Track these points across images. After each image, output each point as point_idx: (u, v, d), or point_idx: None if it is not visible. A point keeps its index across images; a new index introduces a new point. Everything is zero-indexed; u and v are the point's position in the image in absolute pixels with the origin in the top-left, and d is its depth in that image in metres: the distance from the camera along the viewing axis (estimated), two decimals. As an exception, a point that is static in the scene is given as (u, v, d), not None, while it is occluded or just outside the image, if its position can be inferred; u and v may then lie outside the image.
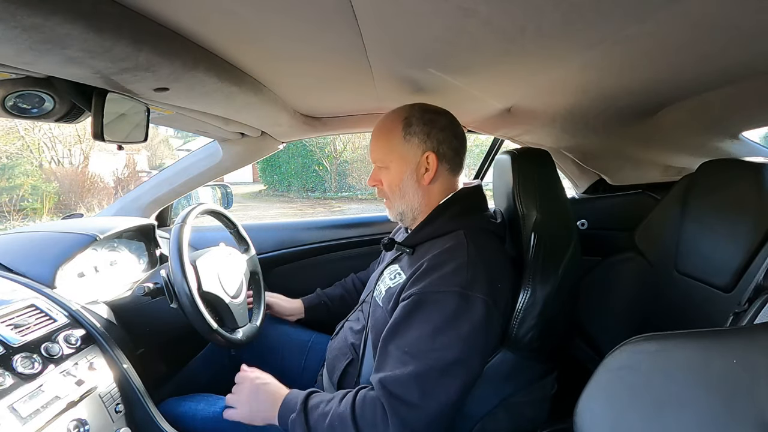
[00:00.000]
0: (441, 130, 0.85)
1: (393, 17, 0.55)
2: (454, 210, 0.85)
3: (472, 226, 0.83)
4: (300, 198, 10.43)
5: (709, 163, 1.03)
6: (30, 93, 0.69)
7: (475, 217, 0.86)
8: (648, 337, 0.42)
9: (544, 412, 0.90)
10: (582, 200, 1.62)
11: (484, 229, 0.85)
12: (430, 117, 0.86)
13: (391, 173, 0.86)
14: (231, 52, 0.73)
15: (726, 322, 0.74)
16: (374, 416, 0.72)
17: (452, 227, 0.83)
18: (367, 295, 1.00)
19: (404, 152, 0.84)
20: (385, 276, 0.89)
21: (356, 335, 0.95)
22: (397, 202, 0.88)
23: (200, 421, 0.93)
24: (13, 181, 7.86)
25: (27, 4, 0.41)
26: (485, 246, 0.81)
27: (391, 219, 0.93)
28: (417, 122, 0.84)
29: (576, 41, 0.58)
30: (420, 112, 0.86)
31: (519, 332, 0.81)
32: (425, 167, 0.84)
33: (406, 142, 0.84)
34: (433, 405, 0.71)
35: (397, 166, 0.85)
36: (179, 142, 15.31)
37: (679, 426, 0.36)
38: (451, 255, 0.77)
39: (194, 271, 0.99)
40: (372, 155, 0.89)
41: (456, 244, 0.79)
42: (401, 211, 0.89)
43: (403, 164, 0.85)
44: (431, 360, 0.71)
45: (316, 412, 0.76)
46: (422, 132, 0.84)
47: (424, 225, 0.85)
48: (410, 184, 0.85)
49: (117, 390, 0.85)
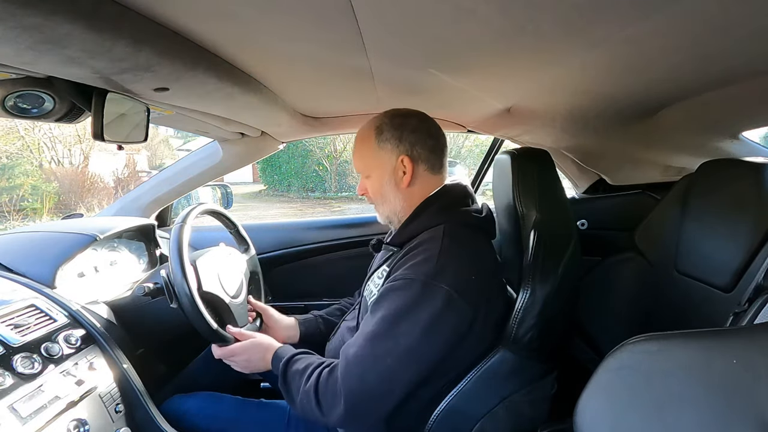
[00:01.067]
0: (412, 132, 0.86)
1: (393, 17, 0.55)
2: (435, 206, 0.86)
3: (453, 220, 0.84)
4: (300, 198, 10.43)
5: (709, 163, 1.03)
6: (30, 93, 0.69)
7: (457, 212, 0.86)
8: (648, 337, 0.42)
9: (544, 412, 0.90)
10: (582, 200, 1.62)
11: (465, 223, 0.85)
12: (399, 121, 0.87)
13: (372, 181, 0.89)
14: (231, 52, 0.73)
15: (726, 322, 0.74)
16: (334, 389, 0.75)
17: (434, 222, 0.84)
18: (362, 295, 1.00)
19: (380, 159, 0.87)
20: (374, 276, 0.90)
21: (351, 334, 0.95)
22: (381, 207, 0.91)
23: (202, 419, 0.94)
24: (13, 181, 7.86)
25: (27, 4, 0.41)
26: (462, 239, 0.82)
27: (382, 224, 0.96)
28: (387, 128, 0.86)
29: (576, 41, 0.58)
30: (389, 117, 0.88)
31: (519, 332, 0.81)
32: (402, 171, 0.86)
33: (381, 149, 0.86)
34: (383, 387, 0.74)
35: (377, 174, 0.88)
36: (179, 142, 15.30)
37: (680, 426, 0.36)
38: (424, 247, 0.80)
39: (194, 271, 0.99)
40: (354, 166, 0.93)
41: (431, 238, 0.81)
42: (387, 215, 0.92)
43: (381, 171, 0.87)
44: (389, 344, 0.74)
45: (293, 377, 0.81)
46: (393, 137, 0.86)
47: (408, 223, 0.87)
48: (390, 188, 0.88)
49: (117, 390, 0.85)
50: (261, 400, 1.01)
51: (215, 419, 0.94)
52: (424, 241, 0.81)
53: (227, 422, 0.94)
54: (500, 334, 0.83)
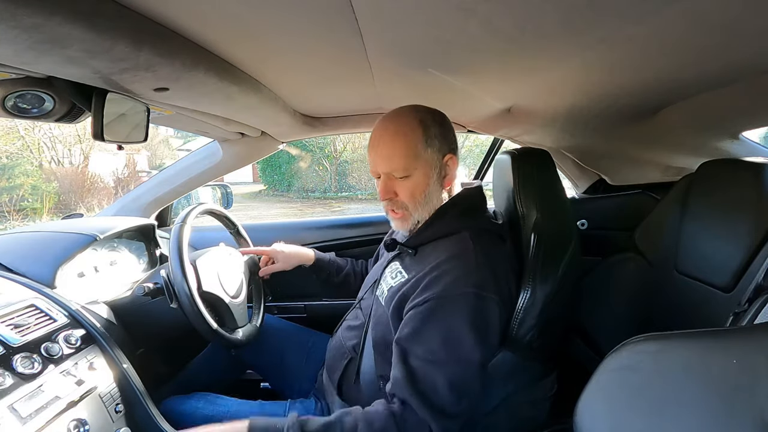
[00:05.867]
0: (450, 130, 0.85)
1: (393, 17, 0.55)
2: (456, 210, 0.85)
3: (475, 226, 0.83)
4: (300, 198, 10.43)
5: (709, 163, 1.03)
6: (30, 93, 0.69)
7: (478, 217, 0.85)
8: (648, 337, 0.42)
9: (544, 412, 0.90)
10: (582, 200, 1.62)
11: (486, 229, 0.84)
12: (441, 118, 0.84)
13: (413, 181, 0.81)
14: (231, 52, 0.73)
15: (726, 322, 0.74)
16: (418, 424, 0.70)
17: (455, 228, 0.82)
18: (365, 293, 1.00)
19: (428, 157, 0.81)
20: (386, 275, 0.89)
21: (355, 334, 0.95)
22: (419, 210, 0.83)
23: (201, 419, 0.94)
24: (13, 181, 7.86)
25: (27, 4, 0.41)
26: (489, 247, 0.81)
27: (403, 230, 0.89)
28: (432, 124, 0.82)
29: (576, 41, 0.58)
30: (430, 113, 0.84)
31: (519, 332, 0.81)
32: (445, 170, 0.83)
33: (429, 147, 0.81)
34: (468, 410, 0.72)
35: (421, 173, 0.81)
36: (179, 142, 15.30)
37: (679, 426, 0.36)
38: (461, 258, 0.77)
39: (194, 271, 0.99)
40: (386, 166, 0.82)
41: (463, 247, 0.78)
42: (420, 219, 0.85)
43: (427, 170, 0.81)
44: (462, 364, 0.71)
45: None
46: (440, 134, 0.82)
47: (427, 226, 0.84)
48: (435, 189, 0.83)
49: (117, 390, 0.85)
50: (260, 400, 1.01)
51: (215, 419, 0.94)
52: (456, 253, 0.78)
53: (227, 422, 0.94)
54: (501, 334, 0.83)
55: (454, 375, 0.71)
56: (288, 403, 0.99)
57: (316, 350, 1.14)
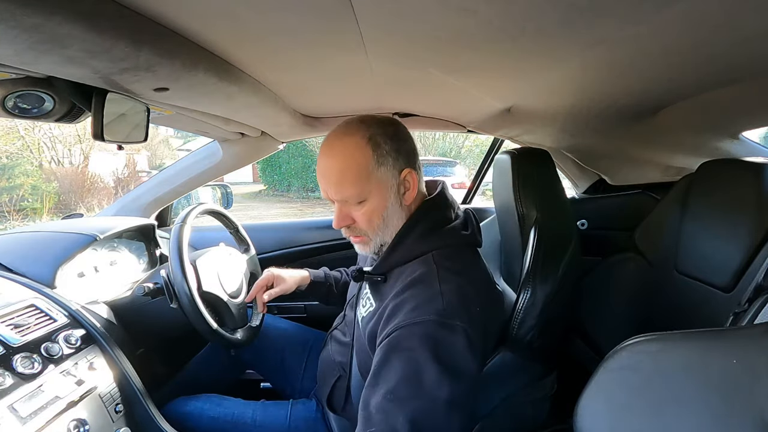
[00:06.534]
0: (405, 141, 0.75)
1: (393, 17, 0.55)
2: (419, 229, 0.76)
3: (441, 245, 0.75)
4: (300, 198, 10.43)
5: (709, 163, 1.03)
6: (30, 93, 0.69)
7: (443, 232, 0.76)
8: (648, 337, 0.42)
9: (544, 412, 0.90)
10: (582, 200, 1.62)
11: (454, 245, 0.76)
12: (392, 130, 0.75)
13: (369, 205, 0.74)
14: (231, 52, 0.73)
15: (726, 322, 0.74)
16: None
17: (420, 249, 0.75)
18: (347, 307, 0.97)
19: (381, 176, 0.72)
20: (361, 300, 0.84)
21: (342, 350, 0.92)
22: (379, 234, 0.76)
23: (206, 420, 0.94)
24: (13, 181, 7.86)
25: (27, 4, 0.41)
26: (456, 268, 0.72)
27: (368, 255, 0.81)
28: (383, 139, 0.72)
29: (576, 41, 0.58)
30: (381, 127, 0.74)
31: (519, 332, 0.81)
32: (404, 186, 0.75)
33: (381, 165, 0.72)
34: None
35: (377, 196, 0.73)
36: (179, 142, 15.31)
37: (679, 426, 0.36)
38: (422, 284, 0.70)
39: (194, 271, 0.99)
40: (341, 194, 0.73)
41: (425, 272, 0.71)
42: (383, 242, 0.78)
43: (384, 191, 0.73)
44: (424, 400, 0.61)
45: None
46: (393, 150, 0.73)
47: (392, 250, 0.76)
48: (395, 209, 0.75)
49: (117, 390, 0.85)
50: (262, 401, 1.01)
51: (217, 421, 0.94)
52: (416, 278, 0.71)
53: (229, 424, 0.94)
54: (501, 334, 0.83)
55: (417, 412, 0.60)
56: (290, 403, 0.99)
57: (316, 350, 1.14)
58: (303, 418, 0.95)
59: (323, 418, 0.94)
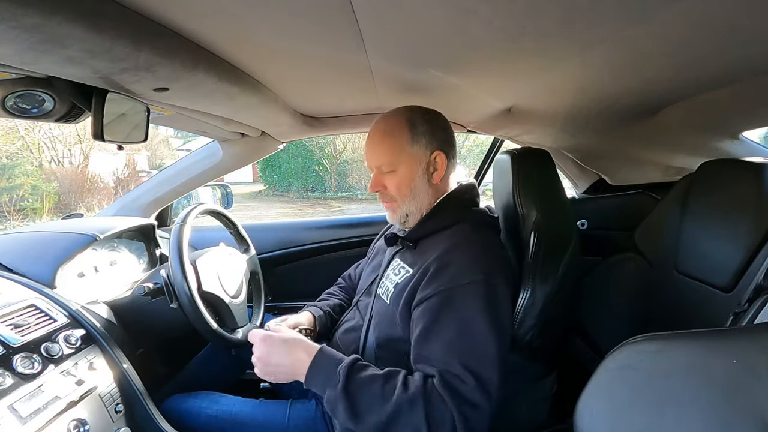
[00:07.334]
0: (443, 129, 0.88)
1: (393, 17, 0.55)
2: (453, 205, 0.88)
3: (473, 219, 0.87)
4: (300, 198, 10.43)
5: (709, 163, 1.03)
6: (30, 93, 0.69)
7: (473, 211, 0.89)
8: (648, 337, 0.42)
9: (544, 412, 0.90)
10: (582, 200, 1.62)
11: (483, 222, 0.88)
12: (430, 117, 0.88)
13: (399, 176, 0.87)
14: (231, 52, 0.73)
15: (726, 322, 0.74)
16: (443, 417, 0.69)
17: (453, 220, 0.85)
18: (361, 295, 1.00)
19: (414, 153, 0.86)
20: (389, 272, 0.90)
21: (353, 336, 0.94)
22: (406, 203, 0.88)
23: (204, 418, 0.94)
24: (13, 181, 7.86)
25: (27, 4, 0.41)
26: (488, 237, 0.85)
27: (393, 222, 0.93)
28: (420, 122, 0.86)
29: (576, 41, 0.58)
30: (419, 112, 0.88)
31: (519, 332, 0.81)
32: (433, 167, 0.87)
33: (415, 143, 0.85)
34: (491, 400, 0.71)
35: (406, 168, 0.86)
36: (179, 142, 15.30)
37: (680, 426, 0.36)
38: (464, 246, 0.80)
39: (194, 271, 0.99)
40: (375, 160, 0.88)
41: (463, 237, 0.82)
42: (408, 212, 0.89)
43: (412, 165, 0.86)
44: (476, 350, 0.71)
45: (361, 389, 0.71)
46: (427, 132, 0.86)
47: (427, 220, 0.88)
48: (422, 183, 0.87)
49: (117, 390, 0.85)
50: (261, 399, 1.01)
51: (215, 419, 0.94)
52: (457, 242, 0.81)
53: (227, 422, 0.94)
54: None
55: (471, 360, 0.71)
56: (289, 403, 0.99)
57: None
58: (302, 417, 0.95)
59: (323, 417, 0.94)
